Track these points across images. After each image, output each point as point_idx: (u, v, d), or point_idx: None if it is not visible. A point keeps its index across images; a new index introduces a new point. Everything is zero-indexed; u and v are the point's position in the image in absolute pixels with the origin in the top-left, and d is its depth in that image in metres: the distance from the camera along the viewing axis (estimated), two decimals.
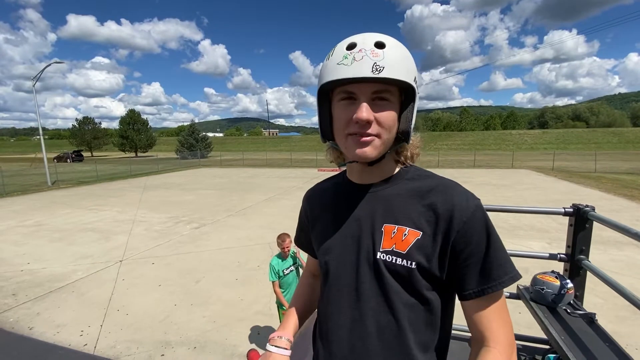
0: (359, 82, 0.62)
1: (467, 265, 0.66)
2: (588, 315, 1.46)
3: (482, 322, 0.66)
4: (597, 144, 48.86)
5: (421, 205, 0.70)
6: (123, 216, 9.37)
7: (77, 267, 5.56)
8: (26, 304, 4.31)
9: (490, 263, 0.66)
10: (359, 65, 0.60)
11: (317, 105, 0.72)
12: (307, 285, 1.02)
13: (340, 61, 0.62)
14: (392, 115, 0.65)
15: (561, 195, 11.42)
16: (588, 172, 18.20)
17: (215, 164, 30.28)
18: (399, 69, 0.61)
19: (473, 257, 0.66)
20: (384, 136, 0.65)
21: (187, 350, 3.31)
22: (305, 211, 0.93)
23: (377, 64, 0.60)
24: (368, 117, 0.62)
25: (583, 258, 1.62)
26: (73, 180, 18.70)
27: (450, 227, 0.66)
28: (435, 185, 0.72)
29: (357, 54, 0.61)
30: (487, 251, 0.66)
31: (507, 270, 0.67)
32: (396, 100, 0.65)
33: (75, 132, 57.38)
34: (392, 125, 0.66)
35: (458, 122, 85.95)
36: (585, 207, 1.59)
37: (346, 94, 0.65)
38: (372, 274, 0.71)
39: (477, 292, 0.66)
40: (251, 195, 12.57)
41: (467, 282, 0.67)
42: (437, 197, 0.69)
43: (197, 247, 6.50)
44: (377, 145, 0.66)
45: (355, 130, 0.64)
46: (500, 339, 0.64)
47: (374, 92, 0.63)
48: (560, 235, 6.65)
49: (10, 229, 8.18)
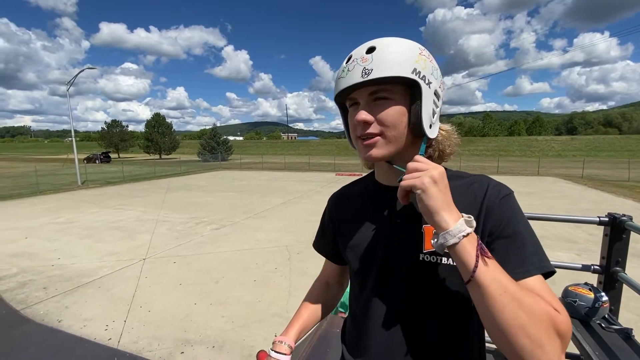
0: (355, 88, 0.66)
1: (494, 250, 0.63)
2: (624, 330, 1.38)
3: None
4: (630, 151, 46.34)
5: (460, 201, 0.67)
6: (147, 216, 9.68)
7: (103, 264, 5.78)
8: (56, 298, 4.52)
9: (525, 247, 0.62)
10: (351, 74, 0.65)
11: (341, 117, 0.78)
12: (319, 292, 0.99)
13: (340, 75, 0.69)
14: (394, 111, 0.66)
15: (592, 204, 10.88)
16: (621, 180, 17.28)
17: (236, 167, 30.85)
18: (389, 67, 0.63)
19: (504, 243, 0.63)
20: (389, 133, 0.66)
21: (205, 349, 3.37)
22: (330, 214, 0.91)
23: (365, 68, 0.63)
24: (364, 118, 0.65)
25: (619, 270, 1.54)
26: (101, 180, 19.54)
27: (483, 212, 0.65)
28: (470, 182, 0.71)
29: (350, 65, 0.66)
30: (520, 236, 0.63)
31: (547, 258, 0.63)
32: (400, 96, 0.66)
33: (104, 134, 60.03)
34: (395, 122, 0.66)
35: (481, 127, 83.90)
36: (622, 216, 1.51)
37: (351, 101, 0.70)
38: (415, 276, 0.70)
39: (518, 275, 0.59)
40: (270, 198, 12.71)
41: (505, 266, 0.59)
42: (474, 191, 0.69)
43: (216, 248, 6.62)
44: (382, 144, 0.67)
45: (360, 132, 0.68)
46: (556, 305, 0.55)
47: (370, 93, 0.66)
48: (590, 246, 6.33)
49: (43, 225, 8.62)
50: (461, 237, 0.55)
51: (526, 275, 0.59)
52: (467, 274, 0.55)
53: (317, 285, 1.02)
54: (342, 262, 0.94)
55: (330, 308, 1.01)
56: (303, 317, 0.93)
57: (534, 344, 0.50)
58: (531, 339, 0.50)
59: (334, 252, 0.93)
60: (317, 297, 0.99)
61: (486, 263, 0.53)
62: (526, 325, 0.50)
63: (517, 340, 0.50)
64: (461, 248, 0.55)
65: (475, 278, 0.53)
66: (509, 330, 0.51)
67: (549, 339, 0.50)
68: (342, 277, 1.02)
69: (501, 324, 0.51)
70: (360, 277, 0.80)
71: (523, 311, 0.51)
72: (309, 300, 0.98)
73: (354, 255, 0.80)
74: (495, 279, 0.53)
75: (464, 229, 0.55)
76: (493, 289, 0.52)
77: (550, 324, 0.51)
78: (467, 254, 0.54)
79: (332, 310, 1.02)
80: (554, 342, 0.51)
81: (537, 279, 0.59)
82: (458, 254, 0.55)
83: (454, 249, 0.56)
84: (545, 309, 0.52)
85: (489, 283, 0.52)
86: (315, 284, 1.03)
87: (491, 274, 0.53)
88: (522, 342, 0.50)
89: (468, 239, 0.55)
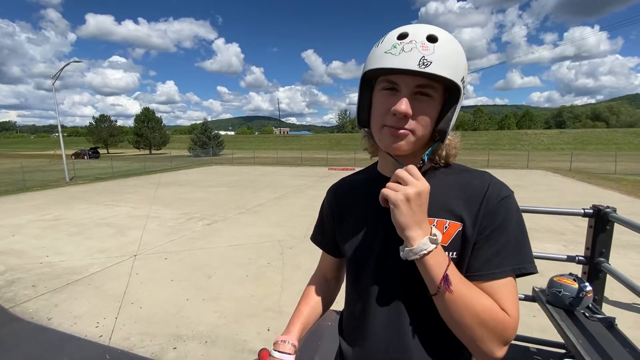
0: (403, 73, 0.61)
1: (478, 247, 0.66)
2: (607, 319, 1.42)
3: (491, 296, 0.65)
4: (617, 144, 47.32)
5: (460, 197, 0.70)
6: (137, 212, 9.57)
7: (93, 261, 5.71)
8: (45, 295, 4.45)
9: (506, 249, 0.65)
10: (407, 56, 0.59)
11: (359, 91, 0.70)
12: (317, 288, 0.97)
13: (388, 50, 0.61)
14: (432, 112, 0.64)
15: (579, 197, 11.11)
16: (608, 173, 17.65)
17: (227, 162, 30.61)
18: (448, 66, 0.59)
19: (488, 240, 0.66)
20: (419, 132, 0.65)
21: (198, 344, 3.36)
22: (330, 205, 0.89)
23: (425, 58, 0.58)
24: (406, 111, 0.61)
25: (603, 261, 1.58)
26: (90, 176, 19.20)
27: (481, 210, 0.67)
28: (472, 178, 0.72)
29: (406, 45, 0.60)
30: (506, 238, 0.65)
31: (530, 259, 0.66)
32: (439, 97, 0.64)
33: (92, 129, 58.88)
34: (429, 123, 0.64)
35: (472, 121, 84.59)
36: (606, 208, 1.54)
37: (389, 83, 0.64)
38: (412, 269, 0.70)
39: (488, 277, 0.65)
40: (262, 193, 12.66)
41: (482, 265, 0.66)
42: (475, 186, 0.70)
43: (208, 244, 6.59)
44: (412, 141, 0.65)
45: (392, 122, 0.64)
46: (510, 309, 0.62)
47: (417, 85, 0.62)
48: (577, 238, 6.48)
49: (30, 222, 8.46)
50: (422, 254, 0.61)
51: (495, 278, 0.64)
52: (431, 287, 0.63)
53: (315, 281, 0.99)
54: (340, 254, 0.91)
55: (330, 303, 0.99)
56: (304, 314, 0.90)
57: (479, 340, 0.60)
58: (477, 335, 0.60)
59: (333, 245, 0.91)
60: (315, 292, 0.96)
61: (448, 289, 0.60)
62: (473, 326, 0.60)
63: (467, 335, 0.61)
64: (422, 264, 0.62)
65: (436, 296, 0.62)
66: (460, 327, 0.62)
67: (491, 337, 0.60)
68: (340, 271, 1.00)
69: (454, 322, 0.62)
70: (357, 269, 0.80)
71: (472, 315, 0.60)
72: (308, 296, 0.95)
73: (351, 246, 0.80)
74: (451, 295, 0.60)
75: (425, 247, 0.60)
76: (450, 299, 0.61)
77: (495, 324, 0.60)
78: (429, 270, 0.61)
79: (331, 304, 1.00)
80: (494, 339, 0.60)
81: (504, 282, 0.64)
82: (419, 267, 0.63)
83: (417, 263, 0.63)
84: (493, 310, 0.61)
85: (446, 296, 0.61)
86: (313, 279, 1.00)
87: (447, 294, 0.60)
88: (471, 337, 0.61)
89: (432, 255, 0.61)
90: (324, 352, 1.50)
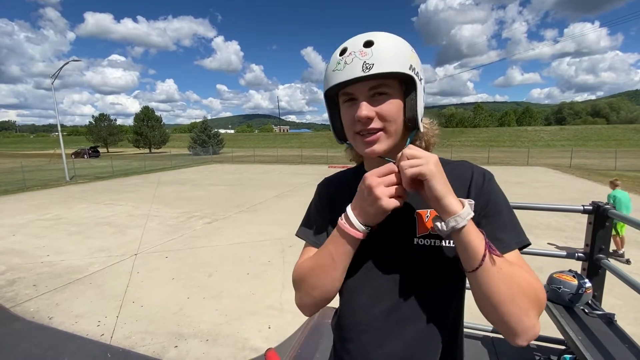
0: (353, 83, 0.65)
1: (481, 227, 0.67)
2: (607, 315, 1.42)
3: None
4: (617, 141, 47.26)
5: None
6: (138, 211, 9.58)
7: (94, 260, 5.72)
8: (46, 295, 4.46)
9: (506, 225, 0.68)
10: (351, 67, 0.64)
11: (327, 111, 0.76)
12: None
13: (335, 68, 0.67)
14: (394, 106, 0.67)
15: (579, 193, 11.12)
16: (607, 170, 17.66)
17: (227, 160, 30.60)
18: (389, 62, 0.63)
19: (489, 221, 0.68)
20: (390, 128, 0.68)
21: (199, 342, 3.38)
22: (320, 199, 0.90)
23: (366, 62, 0.63)
24: (368, 114, 0.65)
25: (602, 257, 1.58)
26: (90, 175, 19.20)
27: (471, 195, 0.70)
28: (455, 167, 0.75)
29: (347, 58, 0.65)
30: (502, 215, 0.69)
31: (523, 232, 0.69)
32: (397, 91, 0.67)
33: (91, 128, 58.78)
34: (395, 116, 0.67)
35: (472, 118, 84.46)
36: (605, 204, 1.54)
37: (347, 96, 0.69)
38: (408, 261, 0.72)
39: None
40: (262, 191, 12.67)
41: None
42: (461, 174, 0.73)
43: (209, 242, 6.60)
44: (384, 139, 0.68)
45: (360, 128, 0.67)
46: (534, 275, 0.63)
47: (370, 89, 0.65)
48: (577, 234, 6.49)
49: (30, 222, 8.47)
50: (469, 219, 0.59)
51: (508, 250, 0.65)
52: (475, 259, 0.59)
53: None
54: None
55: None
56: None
57: (522, 311, 0.58)
58: (520, 307, 0.58)
59: (324, 240, 0.89)
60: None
61: (494, 252, 0.59)
62: (516, 297, 0.58)
63: (509, 309, 0.58)
64: (466, 233, 0.59)
65: (479, 270, 0.58)
66: (503, 302, 0.58)
67: (533, 306, 0.59)
68: None
69: (497, 297, 0.58)
70: (352, 264, 0.79)
71: (515, 285, 0.58)
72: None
73: None
74: (496, 262, 0.58)
75: (470, 211, 0.59)
76: (494, 270, 0.58)
77: (534, 293, 0.59)
78: (472, 237, 0.59)
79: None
80: (535, 308, 0.59)
81: (515, 253, 0.66)
82: (465, 236, 0.59)
83: (462, 231, 0.59)
84: (529, 280, 0.60)
85: (490, 266, 0.58)
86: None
87: (495, 265, 0.58)
88: (512, 311, 0.58)
89: (471, 223, 0.60)
90: (325, 350, 1.50)
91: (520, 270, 0.60)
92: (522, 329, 0.58)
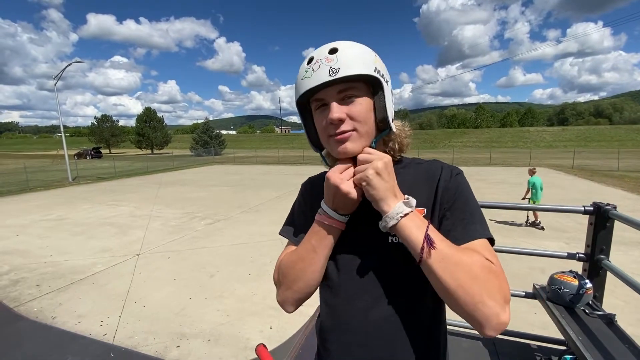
0: (322, 88, 0.68)
1: (447, 218, 0.71)
2: (607, 316, 1.42)
3: None
4: (620, 141, 47.06)
5: (420, 185, 0.76)
6: (140, 211, 9.62)
7: (96, 260, 5.75)
8: (49, 295, 4.49)
9: (468, 218, 0.70)
10: (318, 74, 0.67)
11: (302, 121, 0.79)
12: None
13: (303, 76, 0.70)
14: (363, 107, 0.69)
15: (581, 194, 11.07)
16: (610, 170, 17.58)
17: (229, 161, 30.66)
18: (354, 66, 0.66)
19: (454, 213, 0.71)
20: (361, 129, 0.70)
21: (201, 342, 3.39)
22: (304, 199, 0.92)
23: (332, 67, 0.66)
24: (339, 116, 0.67)
25: (603, 258, 1.58)
26: (92, 176, 19.28)
27: (439, 190, 0.73)
28: (426, 166, 0.80)
29: (314, 65, 0.68)
30: (466, 208, 0.71)
31: (485, 227, 0.71)
32: (365, 93, 0.70)
33: (94, 129, 59.10)
34: (366, 117, 0.70)
35: (473, 119, 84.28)
36: (606, 205, 1.54)
37: (318, 102, 0.71)
38: (385, 259, 0.73)
39: (464, 239, 0.68)
40: (264, 192, 12.69)
41: (453, 233, 0.69)
42: (431, 172, 0.77)
43: (211, 242, 6.62)
44: (356, 139, 0.70)
45: (333, 130, 0.69)
46: (494, 261, 0.64)
47: (338, 92, 0.68)
48: (579, 235, 6.46)
49: (34, 222, 8.52)
50: (399, 217, 0.63)
51: (472, 239, 0.67)
52: (415, 252, 0.62)
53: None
54: None
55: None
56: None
57: (475, 300, 0.58)
58: (472, 296, 0.58)
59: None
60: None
61: (432, 247, 0.61)
62: (466, 286, 0.58)
63: (459, 298, 0.59)
64: (401, 228, 0.63)
65: (423, 262, 0.62)
66: (452, 291, 0.59)
67: (489, 295, 0.58)
68: None
69: (444, 286, 0.60)
70: (330, 263, 0.81)
71: (463, 274, 0.59)
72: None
73: None
74: (438, 253, 0.61)
75: (401, 210, 0.63)
76: (436, 261, 0.60)
77: (491, 282, 0.59)
78: (409, 233, 0.63)
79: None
80: (492, 298, 0.58)
81: (481, 242, 0.67)
82: (400, 233, 0.64)
83: (397, 228, 0.64)
84: (481, 261, 0.61)
85: (432, 258, 0.61)
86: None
87: (433, 252, 0.61)
88: (464, 300, 0.59)
89: (410, 218, 0.63)
90: None
91: (471, 260, 0.61)
92: (483, 318, 0.58)
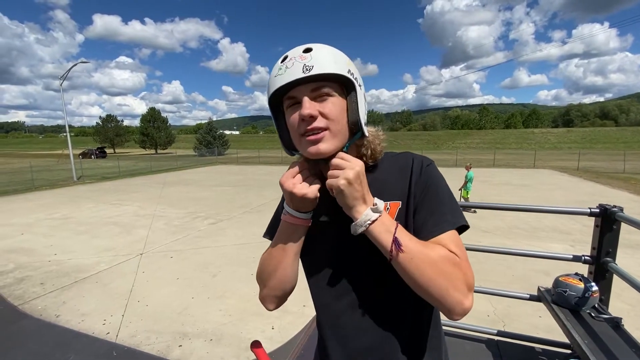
0: (295, 85, 0.67)
1: (417, 211, 0.72)
2: (614, 319, 1.40)
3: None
4: (626, 143, 46.64)
5: (393, 179, 0.77)
6: (144, 211, 9.66)
7: (100, 259, 5.78)
8: (53, 293, 4.52)
9: (440, 208, 0.72)
10: (291, 71, 0.66)
11: (274, 120, 0.78)
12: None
13: (276, 74, 0.69)
14: (336, 106, 0.68)
15: (587, 196, 10.98)
16: (616, 172, 17.41)
17: (232, 162, 30.75)
18: (328, 65, 0.66)
19: (425, 205, 0.72)
20: (334, 127, 0.68)
21: (203, 342, 3.39)
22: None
23: (306, 65, 0.65)
24: (311, 111, 0.66)
25: (609, 260, 1.56)
26: (97, 175, 19.42)
27: (412, 181, 0.74)
28: (398, 159, 0.80)
29: (288, 63, 0.68)
30: (438, 198, 0.73)
31: (462, 214, 0.73)
32: (338, 93, 0.69)
33: (99, 129, 59.51)
34: (338, 116, 0.69)
35: (477, 120, 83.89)
36: (612, 207, 1.52)
37: (291, 100, 0.70)
38: (364, 256, 0.74)
39: (434, 233, 0.70)
40: (266, 192, 12.70)
41: (424, 226, 0.71)
42: (402, 165, 0.78)
43: (214, 242, 6.63)
44: (329, 138, 0.69)
45: (305, 128, 0.68)
46: (458, 253, 0.67)
47: (311, 90, 0.67)
48: (584, 237, 6.40)
49: (39, 221, 8.59)
50: (367, 225, 0.66)
51: (441, 232, 0.69)
52: (385, 253, 0.65)
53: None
54: None
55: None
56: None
57: (442, 291, 0.63)
58: (440, 288, 0.63)
59: None
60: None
61: (400, 250, 0.63)
62: (433, 279, 0.63)
63: (428, 290, 0.63)
64: (369, 234, 0.66)
65: (393, 261, 0.65)
66: (421, 285, 0.64)
67: (454, 285, 0.63)
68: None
69: (414, 282, 0.64)
70: (310, 262, 0.84)
71: (431, 269, 0.63)
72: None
73: (309, 241, 0.81)
74: (406, 254, 0.63)
75: (368, 217, 0.65)
76: (405, 261, 0.63)
77: (455, 274, 0.64)
78: (378, 237, 0.65)
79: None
80: (458, 288, 0.63)
81: (449, 234, 0.69)
82: (370, 237, 0.67)
83: (368, 235, 0.66)
84: (447, 255, 0.65)
85: (401, 258, 0.64)
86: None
87: (401, 254, 0.63)
88: (433, 291, 0.63)
89: (378, 223, 0.65)
90: None
91: (437, 256, 0.64)
92: (450, 306, 0.63)
